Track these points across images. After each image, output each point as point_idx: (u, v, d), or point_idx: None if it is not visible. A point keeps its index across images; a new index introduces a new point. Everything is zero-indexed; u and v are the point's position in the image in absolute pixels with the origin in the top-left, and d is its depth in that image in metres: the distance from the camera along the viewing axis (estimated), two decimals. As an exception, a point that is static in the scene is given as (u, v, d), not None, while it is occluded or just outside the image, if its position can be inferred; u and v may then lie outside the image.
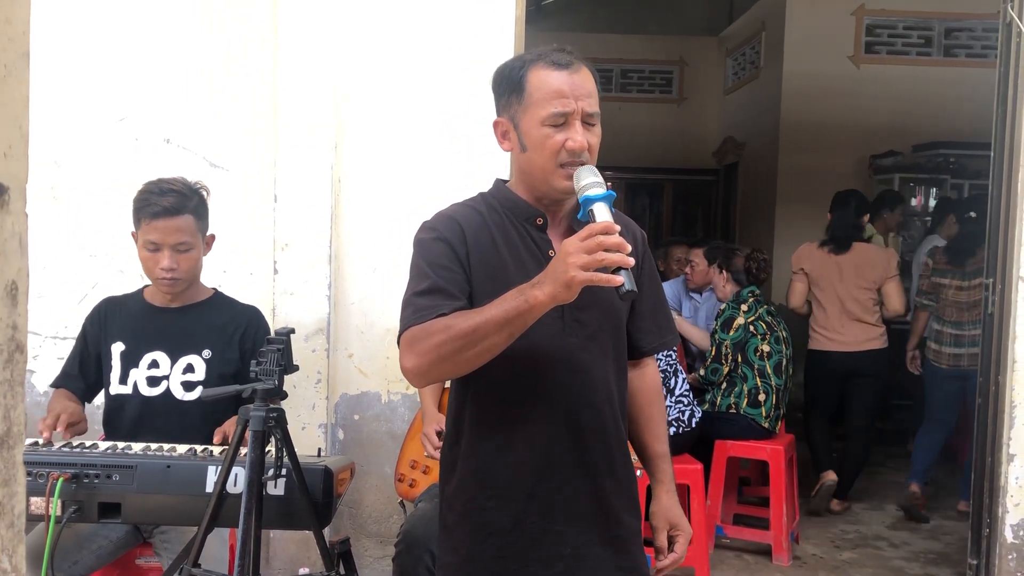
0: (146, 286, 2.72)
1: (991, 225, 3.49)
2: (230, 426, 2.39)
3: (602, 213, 1.55)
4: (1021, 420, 3.33)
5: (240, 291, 2.90)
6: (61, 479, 1.99)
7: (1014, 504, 3.35)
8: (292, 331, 2.05)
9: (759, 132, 8.67)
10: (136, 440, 2.52)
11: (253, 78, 3.33)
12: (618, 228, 1.50)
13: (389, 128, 3.35)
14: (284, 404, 1.99)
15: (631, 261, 1.49)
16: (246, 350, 2.63)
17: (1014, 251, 3.33)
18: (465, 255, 1.69)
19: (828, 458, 5.07)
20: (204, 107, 3.35)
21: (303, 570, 3.23)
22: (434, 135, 3.35)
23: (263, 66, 3.30)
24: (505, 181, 1.84)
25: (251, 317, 2.71)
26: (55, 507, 1.99)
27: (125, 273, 3.33)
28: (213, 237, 2.69)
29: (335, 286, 3.36)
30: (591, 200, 1.57)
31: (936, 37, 7.96)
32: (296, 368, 2.03)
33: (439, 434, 2.83)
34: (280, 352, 1.97)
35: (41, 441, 2.25)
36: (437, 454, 2.82)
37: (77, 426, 2.43)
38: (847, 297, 4.78)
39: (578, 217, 1.64)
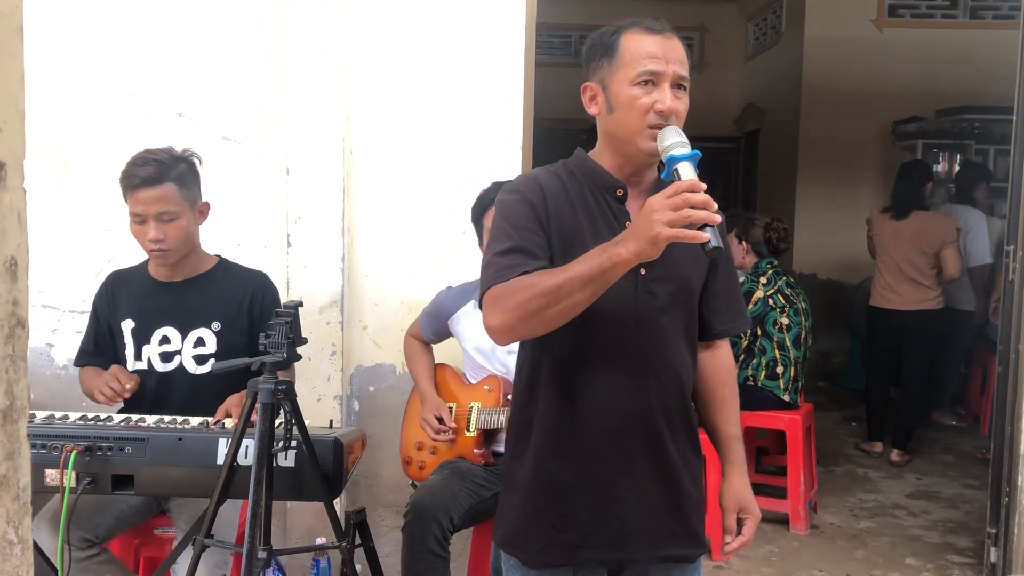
0: (149, 259, 2.73)
1: (1012, 191, 3.42)
2: (231, 402, 2.40)
3: (687, 171, 1.55)
4: (1041, 388, 3.28)
5: (254, 264, 2.90)
6: (75, 451, 2.02)
7: (1033, 473, 3.32)
8: (300, 303, 2.05)
9: (780, 99, 8.56)
10: (156, 414, 2.57)
11: (263, 49, 3.32)
12: (704, 186, 1.51)
13: (400, 99, 3.33)
14: (299, 376, 2.01)
15: (718, 218, 1.50)
16: (255, 317, 2.64)
17: (1035, 217, 3.28)
18: (546, 218, 1.71)
19: (879, 428, 5.42)
20: (215, 80, 3.34)
21: (320, 540, 3.26)
22: (446, 105, 3.33)
23: (273, 37, 3.28)
24: (587, 151, 1.84)
25: (257, 282, 2.71)
26: (69, 479, 2.02)
27: (137, 248, 3.35)
28: (207, 205, 2.65)
29: (348, 258, 3.37)
30: (676, 159, 1.57)
31: (962, -1, 7.79)
32: (305, 340, 2.04)
33: (440, 420, 2.84)
34: (288, 324, 1.98)
35: (57, 415, 2.29)
36: (440, 437, 2.83)
37: (129, 376, 2.49)
38: (902, 260, 5.15)
39: (662, 177, 1.64)
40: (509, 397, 2.81)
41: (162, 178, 2.48)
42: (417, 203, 3.36)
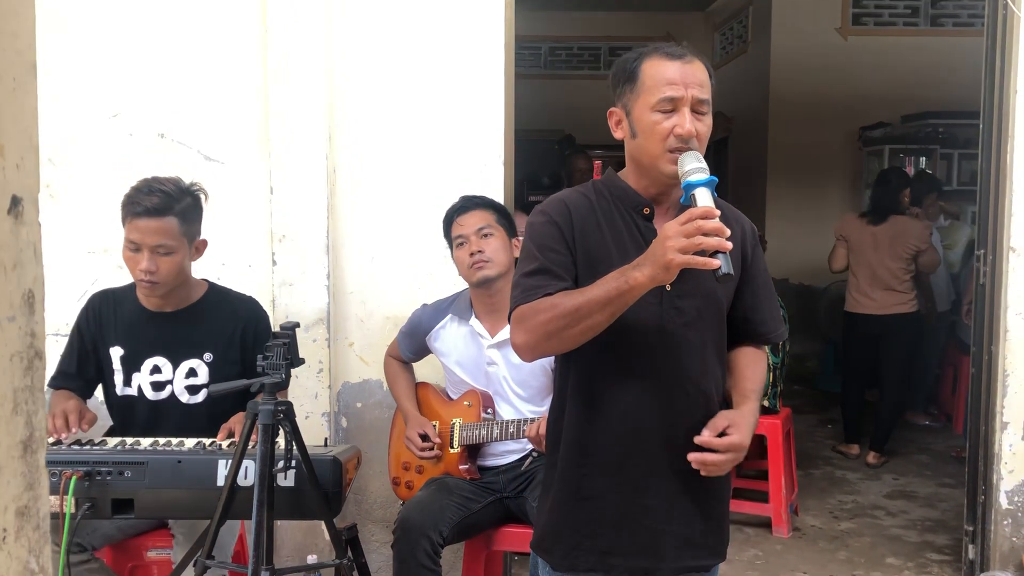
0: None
1: (980, 196, 3.52)
2: (234, 423, 2.41)
3: (703, 198, 1.62)
4: (1013, 389, 3.37)
5: (239, 284, 2.92)
6: (75, 477, 2.02)
7: (1008, 471, 3.40)
8: (297, 325, 2.08)
9: (748, 107, 8.68)
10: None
11: (247, 69, 3.33)
12: (718, 212, 1.58)
13: (383, 117, 3.37)
14: (288, 395, 2.03)
15: (729, 245, 1.57)
16: (247, 346, 2.63)
17: (1004, 221, 3.37)
18: (572, 238, 1.78)
19: (856, 431, 5.51)
20: (198, 101, 3.35)
21: (311, 557, 3.27)
22: (429, 122, 3.37)
23: (256, 57, 3.30)
24: (619, 171, 1.91)
25: (249, 310, 2.71)
26: (69, 505, 2.02)
27: (124, 269, 3.33)
28: (205, 243, 2.62)
29: (333, 276, 3.38)
30: (693, 185, 1.64)
31: (923, 7, 7.95)
32: (302, 361, 2.07)
33: (423, 437, 2.87)
34: (286, 346, 2.00)
35: (51, 440, 2.28)
36: (425, 455, 2.86)
37: (87, 416, 2.45)
38: (879, 265, 5.20)
39: (681, 201, 1.71)
40: (489, 411, 2.85)
41: (166, 211, 2.44)
42: (401, 219, 3.39)
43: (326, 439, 2.32)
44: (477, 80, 3.36)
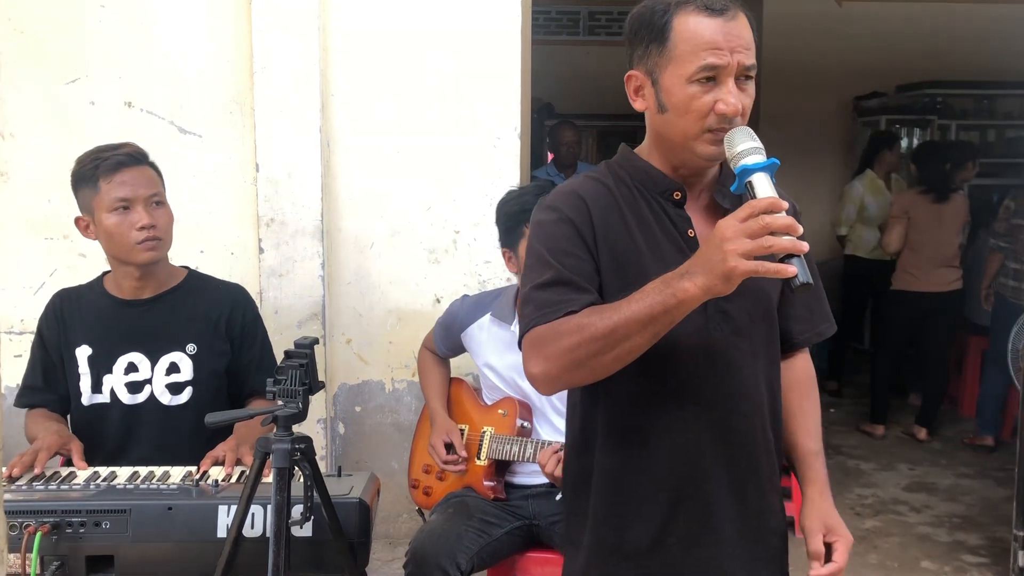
0: (105, 273, 2.32)
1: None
2: (222, 449, 2.04)
3: (764, 187, 1.29)
4: (1076, 387, 3.12)
5: (220, 274, 2.51)
6: (39, 533, 1.63)
7: (1063, 474, 3.16)
8: (316, 341, 1.69)
9: (738, 74, 8.39)
10: (123, 455, 2.19)
11: (228, 27, 2.90)
12: (785, 205, 1.25)
13: (386, 85, 2.97)
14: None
15: (805, 246, 1.25)
16: (234, 337, 2.30)
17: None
18: (592, 239, 1.44)
19: (884, 412, 5.45)
20: (170, 64, 2.92)
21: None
22: (436, 92, 2.98)
23: (239, 11, 2.87)
24: (632, 147, 1.55)
25: (236, 298, 2.35)
26: (34, 566, 1.63)
27: (87, 257, 2.92)
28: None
29: (328, 265, 3.00)
30: (750, 170, 1.30)
31: (920, -29, 7.68)
32: (322, 385, 1.69)
33: (448, 447, 2.52)
34: (303, 368, 1.62)
35: (11, 475, 1.89)
36: (448, 467, 2.51)
37: (67, 446, 2.07)
38: (941, 242, 5.17)
39: (731, 189, 1.36)
40: (525, 425, 2.50)
41: (143, 159, 2.20)
42: (405, 203, 3.01)
43: (339, 468, 1.96)
44: (489, 44, 2.97)
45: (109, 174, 2.13)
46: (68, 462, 2.10)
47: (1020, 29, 7.16)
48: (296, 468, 1.63)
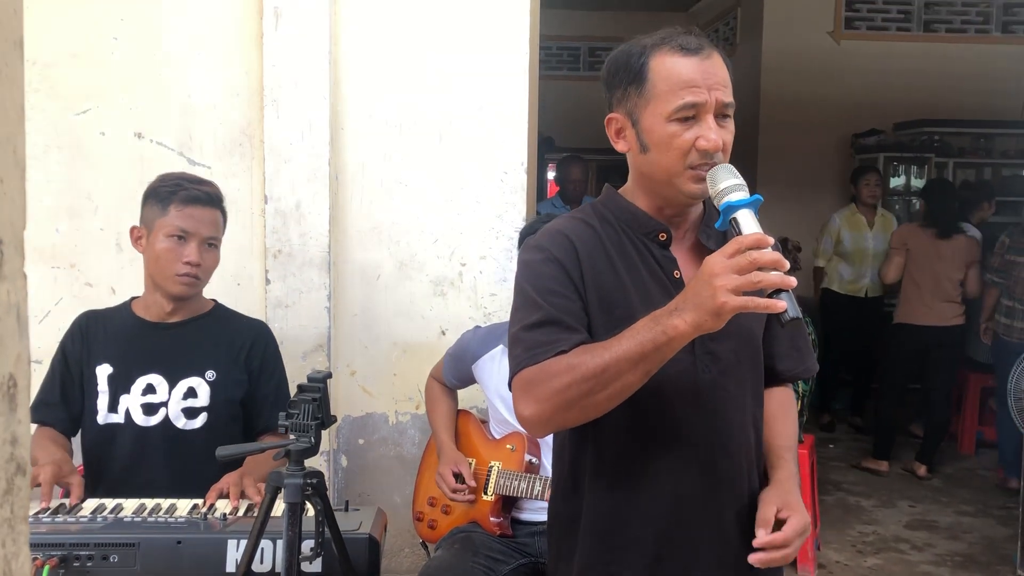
0: (134, 299, 2.34)
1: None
2: (227, 482, 2.03)
3: (749, 223, 1.29)
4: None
5: (227, 304, 2.52)
6: (47, 566, 1.62)
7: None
8: (329, 375, 1.69)
9: (738, 110, 8.35)
10: (132, 476, 2.19)
11: (238, 60, 2.92)
12: (771, 240, 1.26)
13: (393, 118, 2.99)
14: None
15: (793, 281, 1.24)
16: (252, 369, 2.32)
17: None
18: (580, 278, 1.44)
19: (887, 448, 5.41)
20: (180, 96, 2.94)
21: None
22: (443, 126, 3.00)
23: (250, 44, 2.90)
24: (616, 187, 1.56)
25: (257, 333, 2.38)
26: (40, 600, 1.62)
27: (94, 287, 2.93)
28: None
29: (335, 296, 3.00)
30: (734, 207, 1.30)
31: (916, 12, 7.77)
32: (334, 420, 1.68)
33: (457, 476, 2.50)
34: (316, 403, 1.62)
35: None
36: (457, 497, 2.49)
37: (66, 479, 2.06)
38: (943, 278, 5.20)
39: (716, 226, 1.36)
40: (533, 461, 2.49)
41: (218, 202, 2.27)
42: (412, 235, 3.01)
43: (347, 503, 1.94)
44: (498, 82, 2.99)
45: (182, 204, 2.19)
46: (67, 493, 2.10)
47: (1017, 69, 7.25)
48: (307, 503, 1.62)
